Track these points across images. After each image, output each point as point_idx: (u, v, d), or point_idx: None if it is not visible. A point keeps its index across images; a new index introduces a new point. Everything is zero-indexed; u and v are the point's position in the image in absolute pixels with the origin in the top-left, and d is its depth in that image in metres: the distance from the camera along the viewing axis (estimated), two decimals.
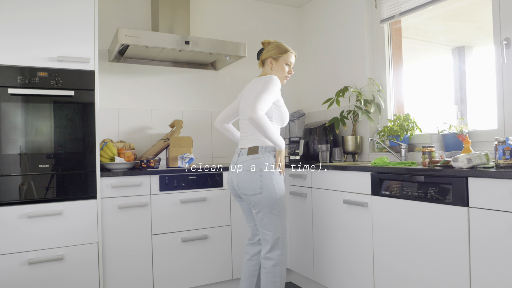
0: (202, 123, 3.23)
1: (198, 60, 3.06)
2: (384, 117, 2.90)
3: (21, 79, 2.11)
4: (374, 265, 2.10)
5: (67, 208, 2.17)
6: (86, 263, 2.21)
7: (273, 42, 2.20)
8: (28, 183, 2.11)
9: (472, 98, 2.44)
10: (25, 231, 2.08)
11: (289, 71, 2.21)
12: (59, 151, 2.18)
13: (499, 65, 2.13)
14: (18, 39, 2.11)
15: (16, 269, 2.05)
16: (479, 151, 1.75)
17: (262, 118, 1.90)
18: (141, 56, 2.87)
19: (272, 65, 2.17)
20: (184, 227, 2.52)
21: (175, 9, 2.87)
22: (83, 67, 2.24)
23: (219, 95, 3.32)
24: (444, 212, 1.72)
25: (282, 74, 2.18)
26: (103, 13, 2.89)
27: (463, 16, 2.54)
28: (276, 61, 2.17)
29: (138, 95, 3.01)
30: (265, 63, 2.21)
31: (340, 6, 3.19)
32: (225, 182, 2.66)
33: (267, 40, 2.23)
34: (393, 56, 2.90)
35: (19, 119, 2.10)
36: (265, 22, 3.54)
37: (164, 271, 2.46)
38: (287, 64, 2.19)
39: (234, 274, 2.68)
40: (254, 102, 1.92)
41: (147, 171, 2.41)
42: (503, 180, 1.50)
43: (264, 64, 2.23)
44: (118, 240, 2.34)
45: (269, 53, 2.17)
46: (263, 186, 1.99)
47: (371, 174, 2.10)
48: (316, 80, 3.50)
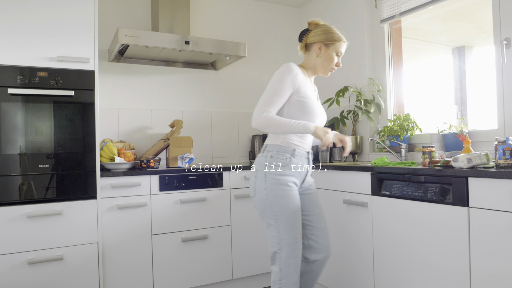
0: (202, 123, 3.23)
1: (198, 60, 3.06)
2: (384, 117, 2.90)
3: (21, 79, 2.11)
4: (374, 265, 2.10)
5: (67, 208, 2.17)
6: (86, 263, 2.21)
7: (323, 25, 1.88)
8: (28, 183, 2.11)
9: (472, 98, 2.44)
10: (25, 231, 2.08)
11: (337, 63, 1.90)
12: (59, 151, 2.18)
13: (499, 65, 2.13)
14: (18, 39, 2.11)
15: (16, 269, 2.05)
16: (479, 151, 1.75)
17: (261, 123, 1.73)
18: (141, 56, 2.87)
19: (320, 52, 1.85)
20: (184, 227, 2.52)
21: (175, 9, 2.87)
22: (83, 67, 2.24)
23: (219, 95, 3.32)
24: (444, 212, 1.72)
25: (329, 64, 1.87)
26: (103, 13, 2.89)
27: (463, 16, 2.54)
28: (327, 49, 1.85)
29: (138, 95, 3.01)
30: (310, 48, 1.89)
31: (340, 6, 3.19)
32: (225, 182, 2.66)
33: (315, 21, 1.89)
34: (393, 56, 2.90)
35: (19, 119, 2.10)
36: (265, 22, 3.54)
37: (164, 271, 2.46)
38: (337, 55, 1.88)
39: (234, 274, 2.68)
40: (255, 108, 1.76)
41: (147, 171, 2.41)
42: (503, 180, 1.50)
43: (308, 48, 1.90)
44: (118, 240, 2.34)
45: (318, 37, 1.84)
46: (256, 189, 1.79)
47: (371, 174, 2.10)
48: (316, 80, 3.49)
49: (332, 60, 1.87)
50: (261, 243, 2.77)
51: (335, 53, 1.87)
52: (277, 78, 1.76)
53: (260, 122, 1.73)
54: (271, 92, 1.74)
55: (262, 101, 1.75)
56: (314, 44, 1.86)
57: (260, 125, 1.73)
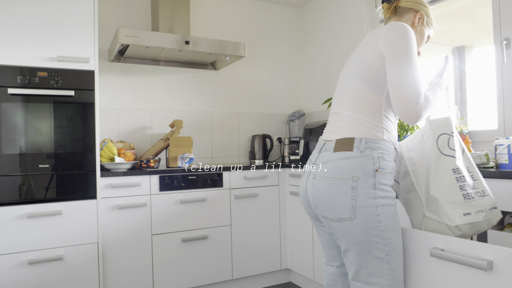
0: (202, 123, 3.23)
1: (198, 60, 3.06)
2: None
3: (21, 79, 2.11)
4: None
5: (67, 208, 2.17)
6: (86, 263, 2.21)
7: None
8: (28, 183, 2.11)
9: (472, 98, 2.44)
10: (25, 231, 2.08)
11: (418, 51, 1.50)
12: (59, 151, 2.18)
13: (499, 65, 2.13)
14: (18, 39, 2.11)
15: (16, 269, 2.05)
16: (479, 151, 1.75)
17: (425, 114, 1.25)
18: (141, 56, 2.87)
19: (418, 24, 1.43)
20: (184, 227, 2.52)
21: (175, 9, 2.87)
22: (83, 67, 2.24)
23: (219, 95, 3.32)
24: None
25: (418, 43, 1.47)
26: (103, 13, 2.89)
27: (463, 16, 2.54)
28: (423, 25, 1.44)
29: (138, 95, 3.01)
30: (403, 15, 1.45)
31: (340, 6, 3.19)
32: (225, 182, 2.65)
33: None
34: None
35: (19, 119, 2.10)
36: (265, 22, 3.54)
37: (164, 271, 2.46)
38: (428, 38, 1.50)
39: (234, 274, 2.68)
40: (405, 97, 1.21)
41: (147, 171, 2.41)
42: (503, 180, 1.50)
43: (400, 15, 1.45)
44: (118, 240, 2.34)
45: (420, 6, 1.43)
46: (357, 207, 1.21)
47: None
48: (316, 80, 3.50)
49: (423, 40, 1.48)
50: (261, 243, 2.77)
51: (426, 35, 1.48)
52: (409, 43, 1.26)
53: (424, 113, 1.25)
54: (412, 63, 1.24)
55: (408, 82, 1.22)
56: (411, 11, 1.43)
57: (424, 116, 1.26)
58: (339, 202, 1.23)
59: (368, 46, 1.35)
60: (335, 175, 1.25)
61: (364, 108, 1.30)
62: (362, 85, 1.31)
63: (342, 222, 1.24)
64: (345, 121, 1.31)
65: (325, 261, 1.46)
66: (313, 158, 1.36)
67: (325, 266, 1.46)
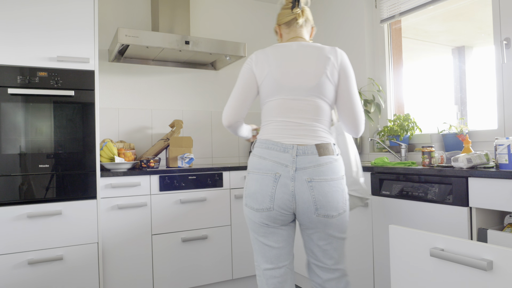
0: (202, 123, 3.23)
1: (198, 60, 3.06)
2: (384, 117, 2.90)
3: (21, 79, 2.11)
4: (374, 264, 2.10)
5: (67, 208, 2.17)
6: (86, 263, 2.21)
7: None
8: (28, 183, 2.11)
9: (472, 98, 2.44)
10: (25, 231, 2.08)
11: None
12: (59, 151, 2.18)
13: (499, 65, 2.13)
14: (18, 39, 2.11)
15: (16, 269, 2.05)
16: (479, 151, 1.75)
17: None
18: (141, 56, 2.87)
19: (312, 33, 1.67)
20: (184, 227, 2.52)
21: (175, 9, 2.87)
22: (83, 67, 2.24)
23: (219, 95, 3.32)
24: (444, 212, 1.72)
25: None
26: (103, 13, 2.89)
27: (463, 16, 2.54)
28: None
29: (138, 95, 3.01)
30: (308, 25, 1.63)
31: (340, 6, 3.19)
32: (225, 182, 2.65)
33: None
34: (393, 56, 2.90)
35: (19, 119, 2.10)
36: (265, 22, 3.54)
37: (164, 271, 2.46)
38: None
39: (234, 274, 2.68)
40: (359, 114, 1.55)
41: (147, 171, 2.41)
42: (503, 180, 1.50)
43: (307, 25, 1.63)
44: (118, 240, 2.34)
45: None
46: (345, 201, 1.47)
47: (371, 174, 2.10)
48: None
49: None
50: None
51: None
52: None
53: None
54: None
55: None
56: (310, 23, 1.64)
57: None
58: (339, 199, 1.43)
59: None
60: (333, 177, 1.42)
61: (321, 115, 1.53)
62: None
63: (340, 216, 1.44)
64: (310, 127, 1.49)
65: (271, 266, 1.47)
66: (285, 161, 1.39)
67: (271, 272, 1.48)
